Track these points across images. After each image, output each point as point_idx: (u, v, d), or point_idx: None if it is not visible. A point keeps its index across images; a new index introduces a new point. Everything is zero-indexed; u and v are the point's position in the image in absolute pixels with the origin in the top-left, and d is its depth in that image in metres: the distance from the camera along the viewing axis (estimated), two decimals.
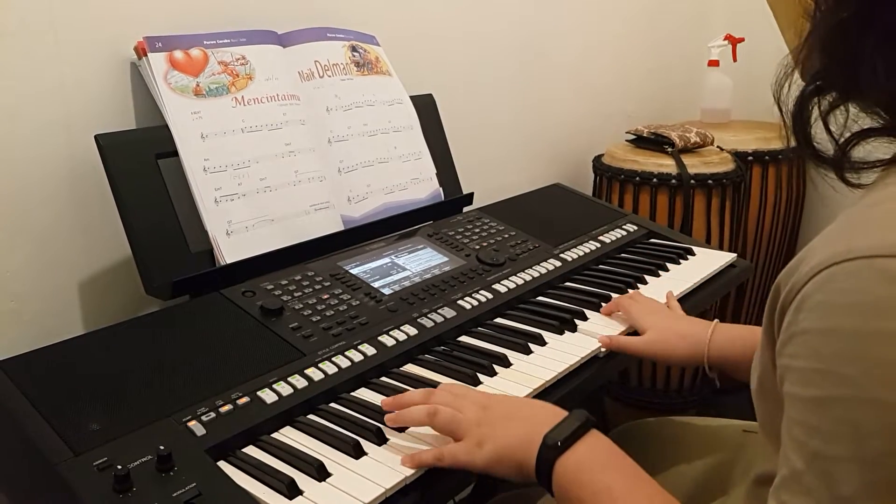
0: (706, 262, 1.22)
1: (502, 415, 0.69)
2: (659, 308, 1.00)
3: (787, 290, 0.49)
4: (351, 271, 0.98)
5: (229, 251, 0.95)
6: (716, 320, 0.94)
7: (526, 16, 1.63)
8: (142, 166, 0.92)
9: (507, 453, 0.65)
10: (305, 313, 0.88)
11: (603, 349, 0.92)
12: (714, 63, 1.98)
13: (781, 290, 0.51)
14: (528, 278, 1.08)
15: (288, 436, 0.72)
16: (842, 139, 0.53)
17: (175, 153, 0.95)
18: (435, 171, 1.24)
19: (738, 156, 1.73)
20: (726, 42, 1.96)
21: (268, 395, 0.74)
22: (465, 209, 1.26)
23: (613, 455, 0.63)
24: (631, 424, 1.08)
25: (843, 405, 0.44)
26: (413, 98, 1.24)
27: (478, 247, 1.12)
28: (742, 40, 1.95)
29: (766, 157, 1.81)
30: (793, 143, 0.55)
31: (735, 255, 1.25)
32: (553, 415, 0.67)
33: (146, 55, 0.96)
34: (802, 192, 1.94)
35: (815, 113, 0.53)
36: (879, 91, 0.49)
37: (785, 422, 0.49)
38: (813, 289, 0.46)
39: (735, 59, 1.96)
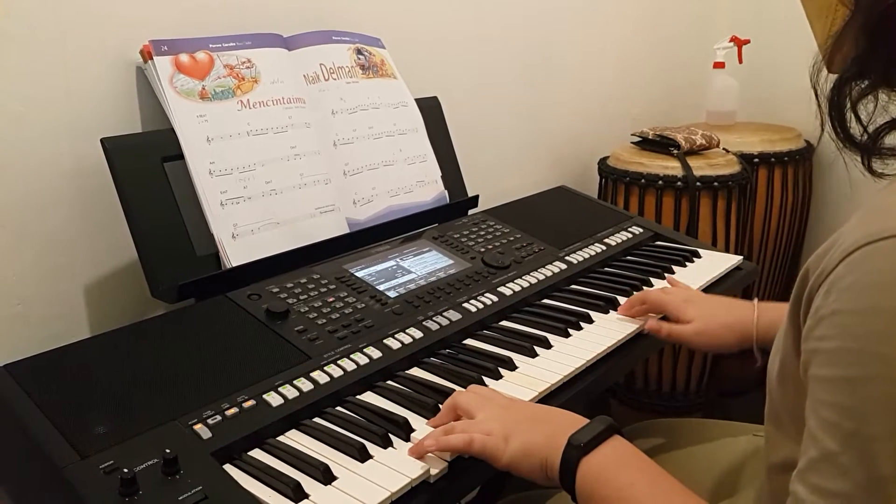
0: (712, 264, 1.22)
1: (528, 416, 0.70)
2: (692, 295, 1.01)
3: (817, 275, 0.49)
4: (356, 274, 0.98)
5: (235, 254, 0.95)
6: (755, 300, 0.95)
7: (531, 18, 1.63)
8: (147, 170, 0.92)
9: (533, 451, 0.66)
10: (311, 316, 0.88)
11: (645, 329, 0.96)
12: (720, 65, 1.97)
13: (811, 275, 0.51)
14: (534, 281, 1.07)
15: (294, 439, 0.72)
16: (870, 126, 0.53)
17: (181, 156, 0.95)
18: (440, 173, 1.24)
19: (744, 158, 1.72)
20: (732, 44, 1.95)
21: (273, 399, 0.74)
22: (471, 212, 1.26)
23: (636, 456, 0.64)
24: (637, 425, 1.08)
25: (880, 384, 0.44)
26: (418, 101, 1.24)
27: (483, 249, 1.12)
28: (748, 42, 1.94)
29: (772, 159, 1.80)
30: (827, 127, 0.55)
31: (741, 257, 1.25)
32: (576, 420, 0.67)
33: (152, 59, 0.96)
34: (808, 193, 1.94)
35: (849, 99, 0.54)
36: None
37: (810, 405, 0.48)
38: (845, 270, 0.47)
39: (741, 61, 1.96)
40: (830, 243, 0.50)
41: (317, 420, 0.75)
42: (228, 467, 0.67)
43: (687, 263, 1.22)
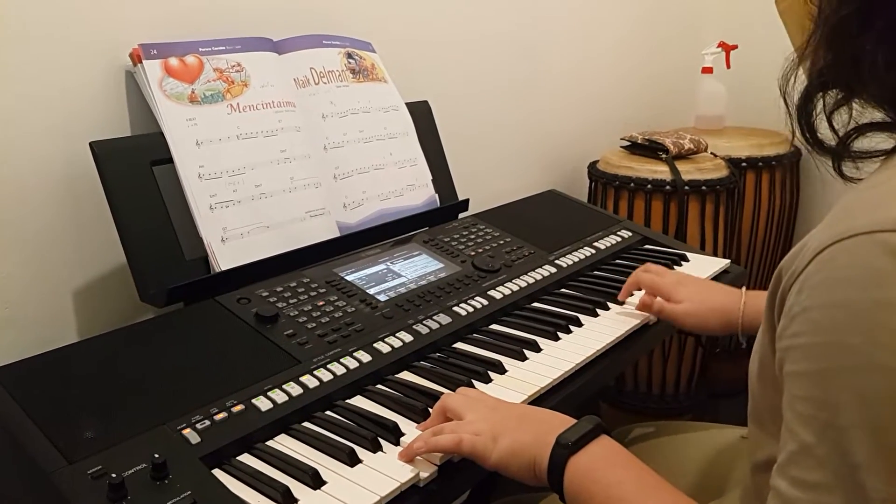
0: (700, 267, 1.23)
1: (516, 416, 0.70)
2: (684, 278, 1.04)
3: (789, 275, 0.51)
4: (346, 278, 0.98)
5: (224, 258, 0.95)
6: (744, 288, 0.98)
7: (522, 23, 1.64)
8: (136, 173, 0.92)
9: (522, 450, 0.66)
10: (301, 320, 0.87)
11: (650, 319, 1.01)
12: (708, 70, 1.99)
13: (783, 275, 0.52)
14: (524, 284, 1.08)
15: (283, 443, 0.72)
16: (842, 133, 0.55)
17: (170, 160, 0.94)
18: (430, 177, 1.24)
19: (732, 162, 1.74)
20: (720, 49, 1.97)
21: (263, 403, 0.74)
22: (461, 215, 1.26)
23: (624, 455, 0.64)
24: (626, 428, 1.09)
25: (850, 374, 0.45)
26: (409, 105, 1.24)
27: (473, 253, 1.12)
28: (735, 47, 1.96)
29: (760, 164, 1.82)
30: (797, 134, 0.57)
31: (729, 261, 1.26)
32: (564, 420, 0.68)
33: (141, 62, 0.96)
34: (796, 198, 1.95)
35: (819, 107, 0.55)
36: (881, 85, 0.51)
37: (787, 401, 0.49)
38: (815, 269, 0.48)
39: (728, 66, 1.97)
40: (802, 245, 0.52)
41: (306, 424, 0.75)
42: (217, 472, 0.67)
43: (675, 267, 1.22)
